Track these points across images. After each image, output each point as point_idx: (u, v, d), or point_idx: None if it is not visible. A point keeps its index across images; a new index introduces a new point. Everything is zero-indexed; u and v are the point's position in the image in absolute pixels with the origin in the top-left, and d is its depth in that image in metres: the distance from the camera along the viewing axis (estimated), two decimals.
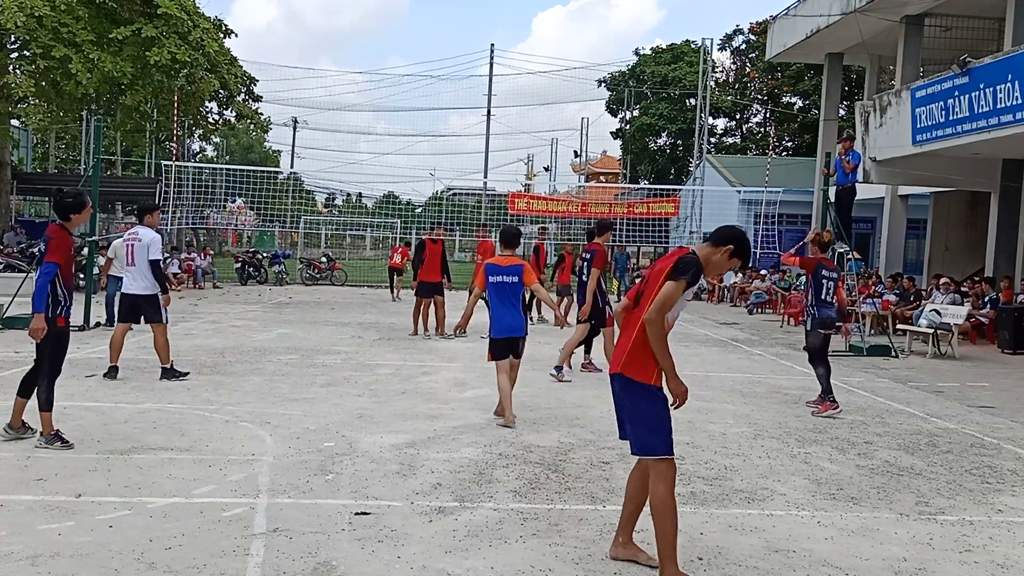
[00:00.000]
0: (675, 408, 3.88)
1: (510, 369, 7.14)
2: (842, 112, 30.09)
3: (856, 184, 13.99)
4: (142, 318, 8.98)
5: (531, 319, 15.03)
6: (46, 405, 5.81)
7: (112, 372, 8.57)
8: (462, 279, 17.46)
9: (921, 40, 19.12)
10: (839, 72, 24.75)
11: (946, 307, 14.06)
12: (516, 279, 7.06)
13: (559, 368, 9.49)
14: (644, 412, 3.83)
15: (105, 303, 12.91)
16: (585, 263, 9.69)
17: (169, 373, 8.61)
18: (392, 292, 21.79)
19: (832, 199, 13.96)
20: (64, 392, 7.63)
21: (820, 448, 6.66)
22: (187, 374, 8.74)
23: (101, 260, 13.87)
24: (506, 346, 7.09)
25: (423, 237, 14.11)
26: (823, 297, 8.21)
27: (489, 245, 14.48)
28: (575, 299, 10.84)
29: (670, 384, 3.83)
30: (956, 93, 14.65)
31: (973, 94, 14.15)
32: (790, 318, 18.32)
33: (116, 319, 9.33)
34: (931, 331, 13.31)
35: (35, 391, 5.84)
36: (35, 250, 15.80)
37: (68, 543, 4.10)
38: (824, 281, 8.23)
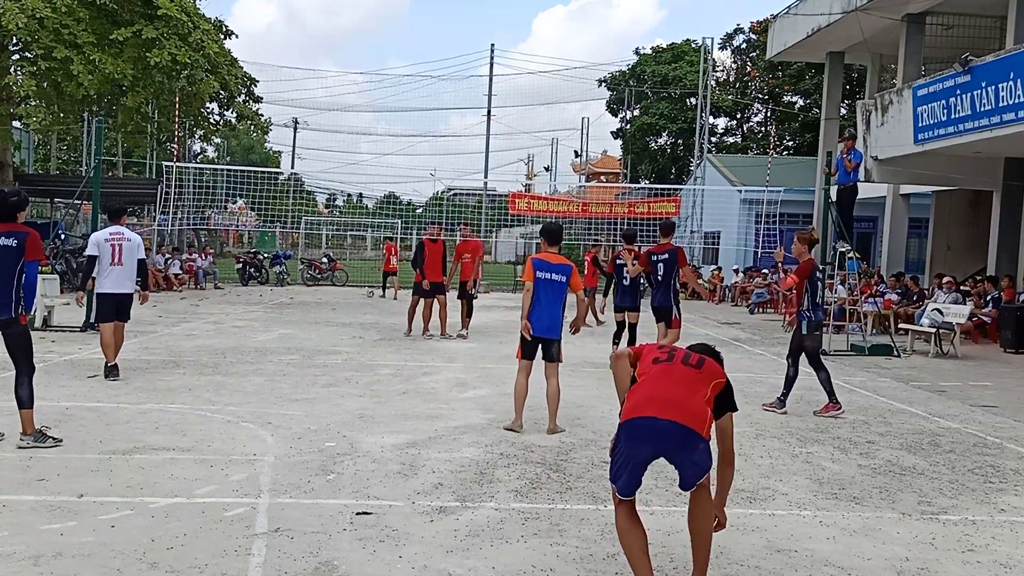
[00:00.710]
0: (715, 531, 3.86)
1: (549, 374, 6.86)
2: (843, 111, 30.06)
3: (857, 183, 13.98)
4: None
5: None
6: (28, 403, 5.78)
7: (114, 371, 8.59)
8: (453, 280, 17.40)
9: (923, 38, 19.08)
10: (840, 71, 24.71)
11: (948, 306, 14.04)
12: (565, 279, 6.78)
13: None
14: (707, 452, 3.71)
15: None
16: (662, 263, 9.52)
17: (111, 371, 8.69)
18: (388, 291, 22.46)
19: (833, 198, 13.95)
20: (66, 392, 7.67)
21: (822, 448, 6.66)
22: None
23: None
24: (537, 346, 6.85)
25: (422, 238, 14.03)
26: (817, 299, 8.12)
27: (474, 244, 14.14)
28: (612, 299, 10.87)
29: (720, 511, 3.85)
30: (958, 91, 14.63)
31: (975, 92, 14.13)
32: (792, 317, 18.29)
33: (98, 319, 9.16)
34: (933, 330, 13.29)
35: (16, 391, 5.79)
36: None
37: (70, 543, 4.11)
38: (819, 282, 8.21)
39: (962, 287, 16.16)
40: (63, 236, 19.69)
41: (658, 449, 3.64)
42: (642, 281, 10.51)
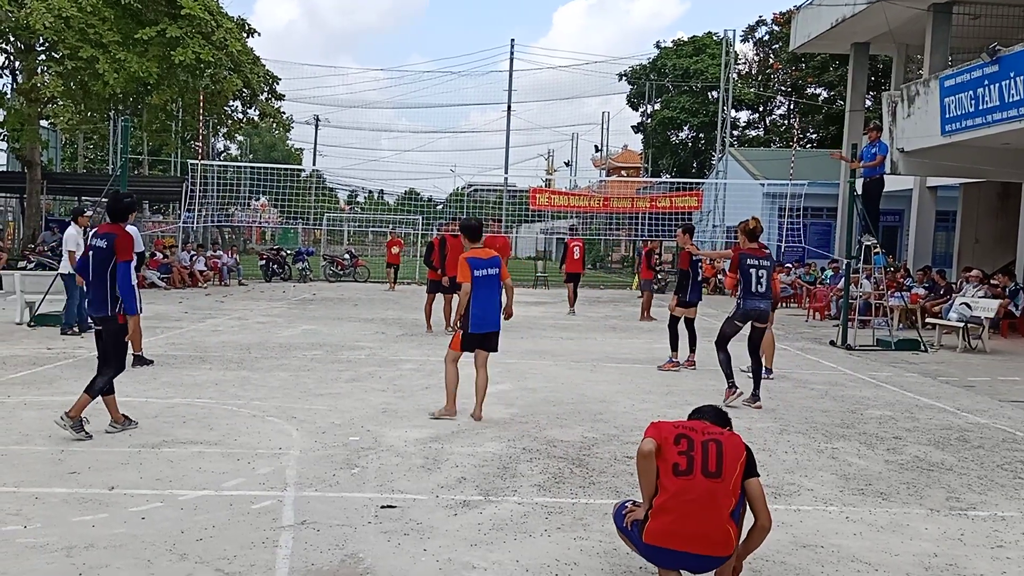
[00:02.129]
0: None
1: (481, 364, 7.03)
2: (868, 103, 29.70)
3: (884, 176, 13.83)
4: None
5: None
6: (96, 394, 5.96)
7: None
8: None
9: (949, 28, 18.79)
10: (865, 62, 24.40)
11: (977, 300, 13.84)
12: (497, 271, 6.97)
13: (768, 370, 9.50)
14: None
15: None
16: (765, 270, 8.59)
17: (140, 360, 9.00)
18: (391, 285, 22.95)
19: (859, 191, 13.80)
20: None
21: (848, 443, 6.60)
22: (152, 362, 9.12)
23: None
24: (481, 341, 6.97)
25: (443, 233, 14.01)
26: (752, 289, 7.82)
27: (502, 241, 13.92)
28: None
29: (739, 563, 3.80)
30: (986, 82, 14.39)
31: (1003, 83, 13.89)
32: (815, 312, 18.15)
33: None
34: (961, 325, 13.11)
35: (95, 379, 6.01)
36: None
37: (102, 535, 4.18)
38: (751, 271, 7.81)
39: (990, 281, 15.91)
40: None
41: (685, 569, 3.68)
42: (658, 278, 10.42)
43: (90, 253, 6.16)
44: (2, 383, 7.91)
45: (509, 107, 32.75)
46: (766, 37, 44.58)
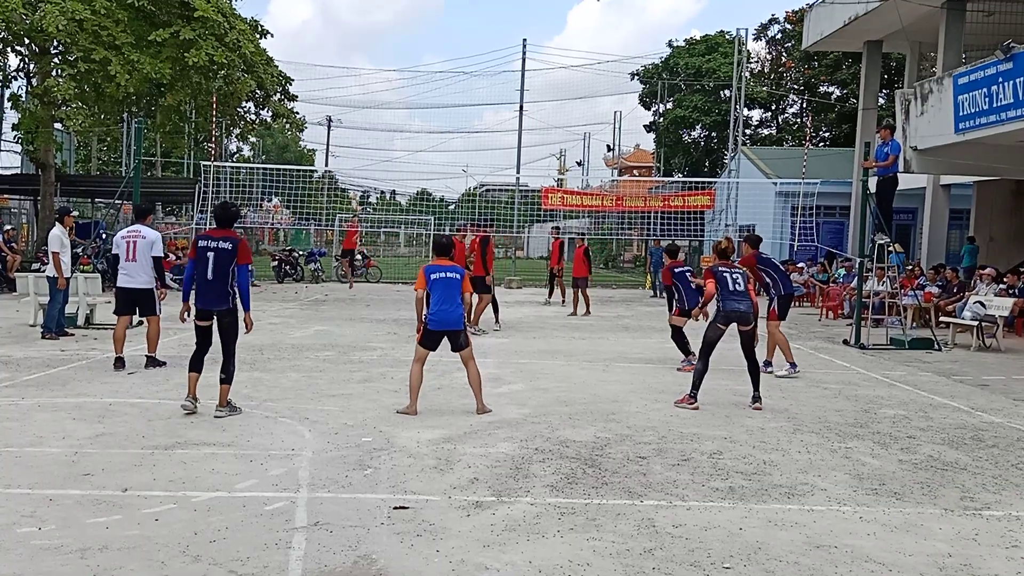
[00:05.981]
0: None
1: (464, 360, 7.32)
2: (881, 101, 29.51)
3: (898, 174, 13.74)
4: (137, 310, 9.41)
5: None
6: (231, 379, 6.84)
7: (119, 363, 8.96)
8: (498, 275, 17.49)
9: (963, 25, 18.62)
10: (878, 60, 24.23)
11: (991, 299, 13.73)
12: (458, 277, 7.27)
13: (793, 365, 9.76)
14: None
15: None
16: (741, 275, 9.04)
17: (153, 362, 9.10)
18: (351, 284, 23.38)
19: (872, 190, 13.71)
20: (109, 388, 7.85)
21: (861, 443, 6.56)
22: (165, 364, 9.17)
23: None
24: (440, 339, 7.27)
25: (452, 236, 13.97)
26: (730, 288, 7.93)
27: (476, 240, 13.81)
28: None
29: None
30: (1000, 79, 14.27)
31: (1018, 80, 13.76)
32: (828, 311, 18.05)
33: (115, 311, 9.40)
34: (975, 323, 13.01)
35: (226, 368, 6.81)
36: (80, 251, 16.14)
37: (116, 536, 4.20)
38: (725, 275, 8.00)
39: (1003, 279, 15.78)
40: (104, 236, 20.14)
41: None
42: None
43: (210, 254, 6.80)
44: (16, 385, 7.99)
45: (521, 107, 32.55)
46: (779, 35, 44.35)
